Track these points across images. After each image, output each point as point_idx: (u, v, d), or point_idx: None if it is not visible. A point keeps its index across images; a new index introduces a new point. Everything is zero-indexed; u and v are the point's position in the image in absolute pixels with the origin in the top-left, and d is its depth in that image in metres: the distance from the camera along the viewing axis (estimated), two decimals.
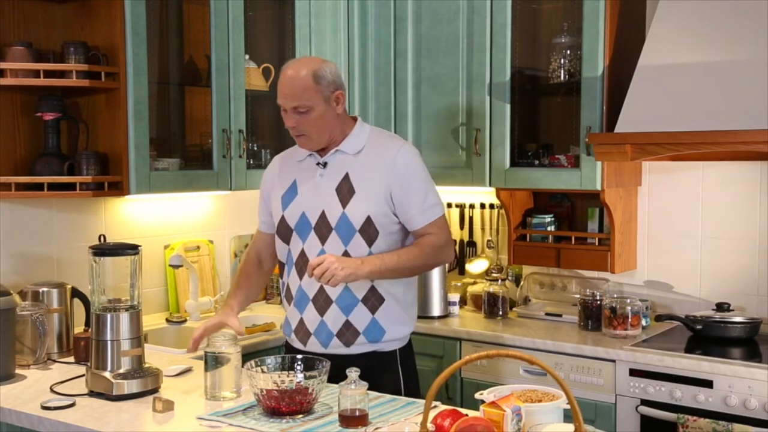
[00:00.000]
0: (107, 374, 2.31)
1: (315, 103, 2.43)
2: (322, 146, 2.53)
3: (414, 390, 2.57)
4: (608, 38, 3.26)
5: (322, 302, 2.49)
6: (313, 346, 2.52)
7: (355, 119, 2.59)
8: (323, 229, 2.47)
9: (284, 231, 2.56)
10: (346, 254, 2.44)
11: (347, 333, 2.48)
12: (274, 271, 3.80)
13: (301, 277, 2.52)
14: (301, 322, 2.54)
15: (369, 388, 2.35)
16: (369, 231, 2.45)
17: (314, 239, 2.49)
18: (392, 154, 2.49)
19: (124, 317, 2.37)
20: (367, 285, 2.48)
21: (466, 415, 1.87)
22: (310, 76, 2.43)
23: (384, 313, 2.50)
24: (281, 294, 2.68)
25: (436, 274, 3.57)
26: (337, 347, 2.49)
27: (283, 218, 2.55)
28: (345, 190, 2.47)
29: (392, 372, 2.54)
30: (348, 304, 2.47)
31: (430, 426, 1.78)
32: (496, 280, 3.63)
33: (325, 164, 2.53)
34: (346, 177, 2.49)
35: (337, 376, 2.19)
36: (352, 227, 2.44)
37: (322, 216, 2.47)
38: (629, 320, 3.17)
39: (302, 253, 2.51)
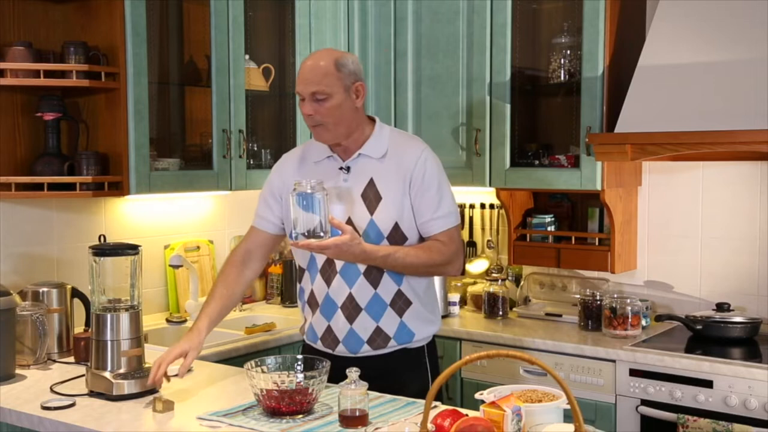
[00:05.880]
0: (107, 374, 2.31)
1: (334, 90, 2.37)
2: (338, 140, 2.45)
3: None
4: (608, 38, 3.26)
5: (351, 310, 2.44)
6: (342, 352, 2.47)
7: (373, 120, 2.53)
8: None
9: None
10: None
11: (378, 339, 2.44)
12: (271, 270, 3.85)
13: (329, 284, 2.46)
14: (329, 329, 2.48)
15: (397, 383, 2.33)
16: (396, 237, 2.41)
17: None
18: (414, 159, 2.44)
19: (124, 317, 2.37)
20: (394, 289, 2.43)
21: (466, 415, 1.87)
22: (331, 63, 2.38)
23: (411, 316, 2.46)
24: (300, 299, 2.58)
25: None
26: (367, 352, 2.45)
27: None
28: (371, 196, 2.42)
29: (420, 366, 2.51)
30: (378, 310, 2.43)
31: (430, 426, 1.78)
32: (496, 280, 3.63)
33: (348, 168, 2.47)
34: (371, 182, 2.43)
35: (368, 375, 2.11)
36: (381, 234, 2.40)
37: (349, 222, 2.40)
38: (629, 320, 3.17)
39: (329, 260, 2.43)
